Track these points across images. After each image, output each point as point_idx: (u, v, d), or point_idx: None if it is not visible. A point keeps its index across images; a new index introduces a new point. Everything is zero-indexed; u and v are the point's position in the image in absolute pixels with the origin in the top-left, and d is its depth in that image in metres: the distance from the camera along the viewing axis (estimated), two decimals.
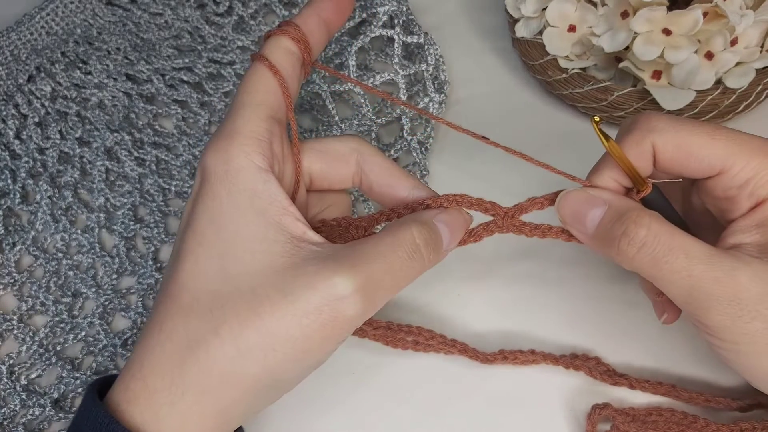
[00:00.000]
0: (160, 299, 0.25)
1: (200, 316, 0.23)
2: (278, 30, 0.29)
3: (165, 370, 0.23)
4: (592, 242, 0.27)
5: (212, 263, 0.24)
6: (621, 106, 0.39)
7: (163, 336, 0.24)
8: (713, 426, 0.31)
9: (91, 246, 0.41)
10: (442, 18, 0.49)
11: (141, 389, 0.23)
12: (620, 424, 0.32)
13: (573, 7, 0.41)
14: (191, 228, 0.25)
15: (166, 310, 0.24)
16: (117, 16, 0.49)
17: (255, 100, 0.26)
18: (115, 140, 0.44)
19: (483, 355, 0.34)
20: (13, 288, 0.40)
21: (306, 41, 0.29)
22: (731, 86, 0.38)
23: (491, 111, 0.44)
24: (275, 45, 0.28)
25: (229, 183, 0.25)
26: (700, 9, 0.36)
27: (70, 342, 0.39)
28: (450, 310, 0.37)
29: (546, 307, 0.37)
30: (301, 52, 0.29)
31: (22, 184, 0.43)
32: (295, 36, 0.28)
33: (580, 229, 0.27)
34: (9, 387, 0.37)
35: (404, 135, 0.42)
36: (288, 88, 0.28)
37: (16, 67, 0.46)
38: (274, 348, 0.23)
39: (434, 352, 0.35)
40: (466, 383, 0.35)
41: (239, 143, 0.25)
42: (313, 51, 0.29)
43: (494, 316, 0.37)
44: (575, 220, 0.27)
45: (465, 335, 0.36)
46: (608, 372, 0.34)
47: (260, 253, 0.24)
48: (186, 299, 0.24)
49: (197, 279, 0.24)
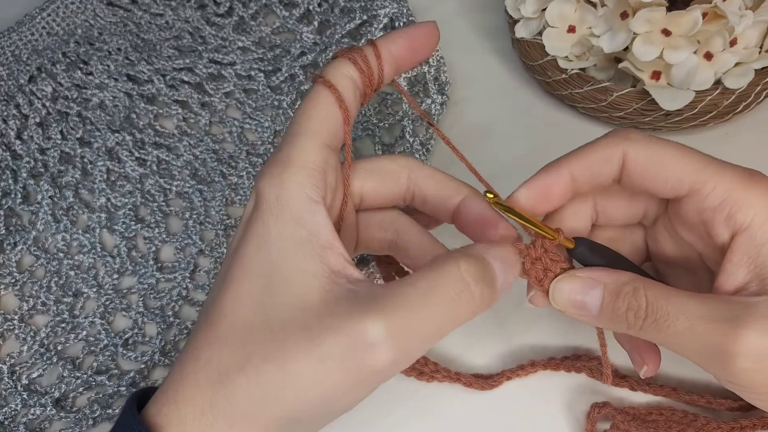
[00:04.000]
0: (201, 324, 0.24)
1: (233, 348, 0.23)
2: (344, 53, 0.27)
3: (197, 401, 0.23)
4: (598, 323, 0.26)
5: (254, 293, 0.23)
6: (620, 107, 0.39)
7: (199, 365, 0.23)
8: (713, 424, 0.31)
9: (92, 246, 0.41)
10: (442, 19, 0.49)
11: (174, 415, 0.23)
12: (620, 423, 0.32)
13: (573, 8, 0.41)
14: (239, 254, 0.24)
15: (204, 338, 0.24)
16: (118, 16, 0.49)
17: (312, 128, 0.25)
18: (116, 140, 0.44)
19: (487, 383, 0.34)
20: (15, 288, 0.40)
21: (370, 73, 0.27)
22: (730, 86, 0.38)
23: (491, 111, 0.45)
24: (338, 69, 0.27)
25: (278, 210, 0.24)
26: (699, 9, 0.36)
27: (71, 342, 0.39)
28: None
29: (546, 309, 0.37)
30: (362, 83, 0.27)
31: (23, 185, 0.43)
32: (360, 65, 0.27)
33: (583, 314, 0.26)
34: (10, 386, 0.37)
35: (406, 136, 0.42)
36: (349, 114, 0.26)
37: (17, 67, 0.46)
38: (294, 390, 0.22)
39: (437, 381, 0.35)
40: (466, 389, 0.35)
41: (293, 172, 0.24)
42: (375, 84, 0.28)
43: (495, 316, 0.37)
44: (576, 308, 0.26)
45: (466, 336, 0.36)
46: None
47: (298, 286, 0.23)
48: (224, 328, 0.23)
49: (238, 308, 0.23)
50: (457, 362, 0.36)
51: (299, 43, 0.47)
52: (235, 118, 0.45)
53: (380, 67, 0.27)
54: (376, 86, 0.28)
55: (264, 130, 0.44)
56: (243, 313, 0.23)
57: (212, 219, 0.42)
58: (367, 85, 0.27)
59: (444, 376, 0.34)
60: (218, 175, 0.43)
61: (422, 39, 0.28)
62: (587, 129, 0.43)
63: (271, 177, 0.25)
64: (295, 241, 0.24)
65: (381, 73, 0.27)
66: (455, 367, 0.35)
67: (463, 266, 0.23)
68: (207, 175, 0.43)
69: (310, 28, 0.48)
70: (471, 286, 0.23)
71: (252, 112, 0.45)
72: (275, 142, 0.44)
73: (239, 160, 0.43)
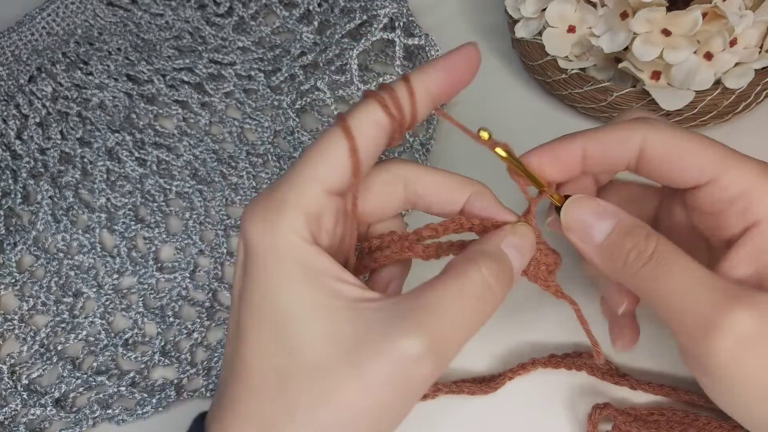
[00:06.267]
0: (228, 376, 0.24)
1: (272, 398, 0.23)
2: (373, 93, 0.24)
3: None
4: (595, 252, 0.26)
5: (273, 339, 0.23)
6: (620, 107, 0.39)
7: (239, 420, 0.23)
8: (715, 423, 0.31)
9: (92, 246, 0.41)
10: (442, 19, 0.49)
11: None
12: (621, 424, 0.32)
13: (572, 8, 0.41)
14: (246, 303, 0.24)
15: (237, 392, 0.23)
16: (118, 16, 0.49)
17: (317, 175, 0.24)
18: (116, 140, 0.44)
19: (490, 387, 0.34)
20: (15, 288, 0.40)
21: (401, 117, 0.24)
22: (730, 86, 0.38)
23: (491, 111, 0.45)
24: (363, 113, 0.24)
25: (279, 258, 0.23)
26: (699, 9, 0.36)
27: (71, 342, 0.39)
28: None
29: (547, 307, 0.37)
30: (392, 127, 0.25)
31: (23, 185, 0.43)
32: (389, 109, 0.24)
33: (585, 239, 0.26)
34: (10, 386, 0.37)
35: (406, 136, 0.42)
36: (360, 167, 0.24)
37: (17, 67, 0.46)
38: (350, 423, 0.22)
39: (441, 395, 0.35)
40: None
41: (288, 218, 0.23)
42: (406, 126, 0.25)
43: (495, 315, 0.37)
44: (581, 229, 0.26)
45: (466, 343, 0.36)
46: (610, 371, 0.34)
47: (320, 324, 0.23)
48: (255, 380, 0.23)
49: (262, 357, 0.23)
50: (458, 366, 0.36)
51: (299, 43, 0.47)
52: (235, 118, 0.45)
53: (413, 107, 0.25)
54: (408, 127, 0.25)
55: (264, 130, 0.44)
56: (270, 361, 0.23)
57: (212, 219, 0.42)
58: (396, 129, 0.25)
59: (447, 391, 0.34)
60: (218, 175, 0.43)
61: (463, 68, 0.25)
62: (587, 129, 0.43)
63: (264, 221, 0.23)
64: (305, 284, 0.23)
65: (414, 114, 0.25)
66: (457, 371, 0.35)
67: (485, 270, 0.24)
68: (207, 175, 0.43)
69: (310, 28, 0.48)
70: (493, 287, 0.24)
71: (252, 112, 0.45)
72: (275, 142, 0.44)
73: (239, 160, 0.43)
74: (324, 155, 0.24)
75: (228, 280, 0.40)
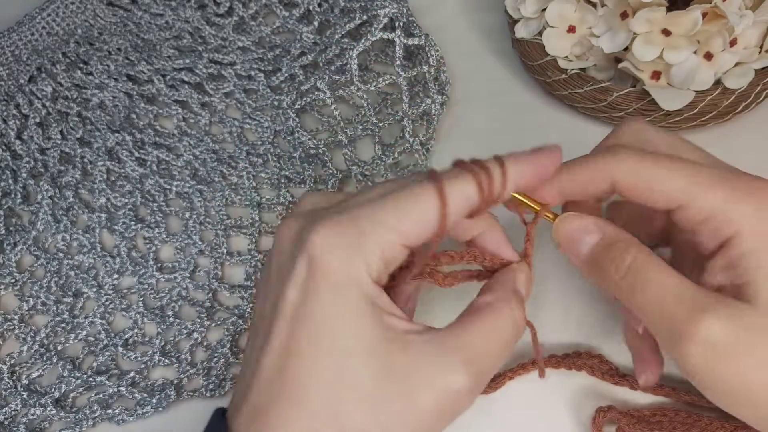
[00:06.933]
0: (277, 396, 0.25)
1: (326, 422, 0.24)
2: (469, 167, 0.25)
3: None
4: (582, 265, 0.28)
5: (330, 366, 0.24)
6: (620, 107, 0.40)
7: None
8: (717, 423, 0.31)
9: (92, 246, 0.41)
10: (441, 19, 0.49)
11: None
12: (625, 427, 0.32)
13: (573, 8, 0.41)
14: (304, 323, 0.24)
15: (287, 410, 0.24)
16: (118, 16, 0.49)
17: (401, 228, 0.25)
18: (116, 140, 0.44)
19: (490, 387, 0.34)
20: (14, 288, 0.40)
21: (490, 197, 0.26)
22: (730, 87, 0.38)
23: (491, 111, 0.45)
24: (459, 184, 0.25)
25: (349, 289, 0.24)
26: (699, 9, 0.36)
27: (71, 342, 0.39)
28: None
29: (547, 306, 0.37)
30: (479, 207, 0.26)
31: (23, 185, 0.43)
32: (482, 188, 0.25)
33: (574, 252, 0.28)
34: (10, 386, 0.37)
35: (406, 136, 0.42)
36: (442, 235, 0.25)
37: (17, 67, 0.46)
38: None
39: None
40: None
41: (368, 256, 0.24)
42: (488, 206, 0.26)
43: None
44: (569, 244, 0.28)
45: None
46: (610, 371, 0.34)
47: (377, 359, 0.24)
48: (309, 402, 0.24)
49: (318, 381, 0.24)
50: None
51: (299, 43, 0.47)
52: (235, 118, 0.45)
53: (502, 190, 0.26)
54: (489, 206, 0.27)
55: (264, 130, 0.44)
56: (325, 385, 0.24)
57: (212, 219, 0.42)
58: (481, 208, 0.26)
59: None
60: (218, 175, 0.43)
61: (549, 168, 0.27)
62: (587, 129, 0.43)
63: (343, 249, 0.24)
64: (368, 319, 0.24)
65: (501, 196, 0.26)
66: None
67: (514, 308, 0.27)
68: (207, 175, 0.43)
69: (310, 28, 0.48)
70: (518, 322, 0.27)
71: (252, 112, 0.45)
72: (275, 142, 0.44)
73: (239, 160, 0.43)
74: (412, 211, 0.25)
75: (228, 280, 0.40)
